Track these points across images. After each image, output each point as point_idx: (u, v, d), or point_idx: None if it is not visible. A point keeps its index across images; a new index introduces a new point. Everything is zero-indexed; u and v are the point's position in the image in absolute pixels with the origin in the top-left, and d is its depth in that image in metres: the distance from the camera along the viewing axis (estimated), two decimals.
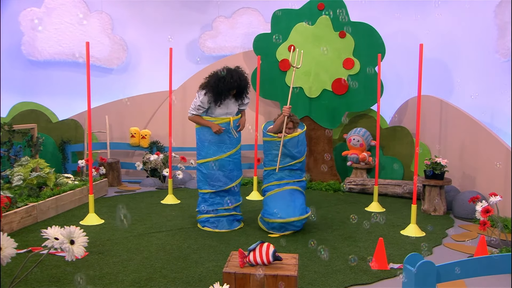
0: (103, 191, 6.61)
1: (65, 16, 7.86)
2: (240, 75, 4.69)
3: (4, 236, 2.27)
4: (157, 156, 7.22)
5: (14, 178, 5.43)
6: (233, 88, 4.66)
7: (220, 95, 4.66)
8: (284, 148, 4.74)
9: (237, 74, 4.67)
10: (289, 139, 4.73)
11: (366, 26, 6.98)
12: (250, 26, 8.27)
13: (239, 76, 4.67)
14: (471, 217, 5.44)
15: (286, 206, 4.67)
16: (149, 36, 8.36)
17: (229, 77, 4.62)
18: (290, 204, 4.70)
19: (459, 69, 7.21)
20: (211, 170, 4.77)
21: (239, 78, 4.66)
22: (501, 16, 6.54)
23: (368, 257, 4.02)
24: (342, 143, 7.50)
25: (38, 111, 7.38)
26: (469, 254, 4.28)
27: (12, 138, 5.94)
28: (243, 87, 4.74)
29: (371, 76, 6.87)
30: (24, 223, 4.84)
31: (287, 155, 4.79)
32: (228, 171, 4.80)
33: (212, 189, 4.81)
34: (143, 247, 4.28)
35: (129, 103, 6.21)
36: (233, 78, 4.62)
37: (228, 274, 2.82)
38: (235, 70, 4.73)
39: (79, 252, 2.34)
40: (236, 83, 4.63)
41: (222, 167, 4.77)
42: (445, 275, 2.09)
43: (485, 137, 5.71)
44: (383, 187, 6.59)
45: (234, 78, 4.63)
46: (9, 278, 3.42)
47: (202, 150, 4.82)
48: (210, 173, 4.78)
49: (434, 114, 6.75)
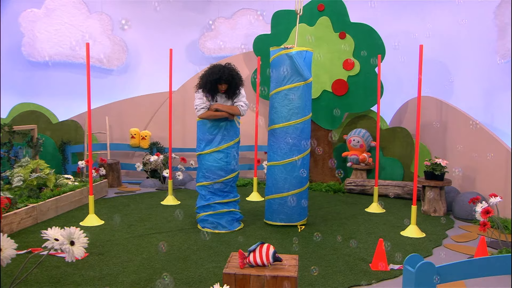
0: (103, 192, 6.61)
1: (65, 17, 7.88)
2: (223, 66, 4.70)
3: (4, 237, 2.27)
4: (157, 157, 7.23)
5: (14, 179, 5.43)
6: (218, 78, 4.64)
7: (211, 88, 4.69)
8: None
9: (220, 66, 4.70)
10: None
11: (366, 27, 6.99)
12: (250, 27, 8.28)
13: (223, 67, 4.68)
14: (471, 218, 5.44)
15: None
16: (149, 37, 8.37)
17: (214, 69, 4.67)
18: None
19: (459, 70, 7.21)
20: (207, 162, 4.80)
21: (223, 68, 4.67)
22: (501, 17, 6.54)
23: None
24: (342, 144, 7.50)
25: (38, 112, 7.39)
26: (469, 255, 4.28)
27: (12, 139, 5.94)
28: (228, 78, 4.67)
29: (371, 77, 6.87)
30: (24, 224, 4.84)
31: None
32: (225, 163, 4.81)
33: (207, 180, 4.81)
34: (143, 248, 4.28)
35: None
36: (216, 68, 4.66)
37: (228, 275, 2.82)
38: (220, 64, 4.78)
39: (79, 253, 2.34)
40: (220, 73, 4.62)
41: (219, 159, 4.79)
42: (445, 276, 2.09)
43: (485, 138, 5.71)
44: (383, 188, 6.59)
45: (217, 68, 4.66)
46: (9, 279, 3.42)
47: (201, 143, 4.88)
48: (206, 164, 4.81)
49: (434, 115, 6.76)
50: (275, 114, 4.89)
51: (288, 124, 4.82)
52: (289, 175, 4.88)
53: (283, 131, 4.84)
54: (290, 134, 4.83)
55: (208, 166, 4.80)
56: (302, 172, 4.90)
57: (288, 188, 4.90)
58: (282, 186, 4.91)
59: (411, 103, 7.30)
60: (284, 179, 4.89)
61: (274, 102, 4.91)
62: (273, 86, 4.93)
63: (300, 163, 4.89)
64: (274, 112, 4.90)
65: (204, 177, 4.85)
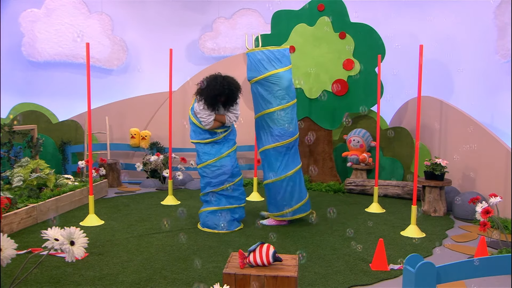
0: (103, 192, 6.61)
1: (65, 17, 7.88)
2: (223, 79, 4.70)
3: (4, 237, 2.27)
4: (157, 157, 7.23)
5: (14, 179, 5.43)
6: (218, 94, 4.68)
7: (211, 103, 4.70)
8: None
9: (220, 79, 4.69)
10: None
11: (366, 27, 6.99)
12: (250, 27, 8.28)
13: (222, 80, 4.68)
14: (471, 218, 5.44)
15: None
16: (149, 37, 8.37)
17: (214, 82, 4.65)
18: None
19: (459, 70, 7.21)
20: (213, 169, 4.83)
21: (223, 82, 4.67)
22: (501, 17, 6.55)
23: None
24: (342, 144, 7.50)
25: (38, 112, 7.38)
26: (469, 255, 4.28)
27: (12, 139, 5.94)
28: (229, 93, 4.70)
29: (371, 77, 6.87)
30: (24, 224, 4.84)
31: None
32: (231, 167, 4.87)
33: (213, 188, 4.86)
34: (143, 248, 4.27)
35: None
36: (217, 82, 4.65)
37: (228, 275, 2.82)
38: (220, 75, 4.76)
39: (79, 253, 2.34)
40: (221, 89, 4.64)
41: (223, 166, 4.83)
42: (445, 276, 2.09)
43: (485, 138, 5.71)
44: (383, 188, 6.59)
45: (218, 81, 4.66)
46: (9, 279, 3.42)
47: (203, 155, 4.90)
48: (211, 171, 4.83)
49: (434, 115, 6.76)
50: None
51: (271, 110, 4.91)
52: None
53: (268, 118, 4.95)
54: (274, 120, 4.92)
55: (214, 173, 4.85)
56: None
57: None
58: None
59: (411, 103, 7.30)
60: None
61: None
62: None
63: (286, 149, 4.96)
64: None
65: (211, 186, 4.88)
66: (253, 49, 5.01)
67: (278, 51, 4.94)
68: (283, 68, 4.92)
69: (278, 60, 4.92)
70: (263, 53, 4.91)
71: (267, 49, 4.92)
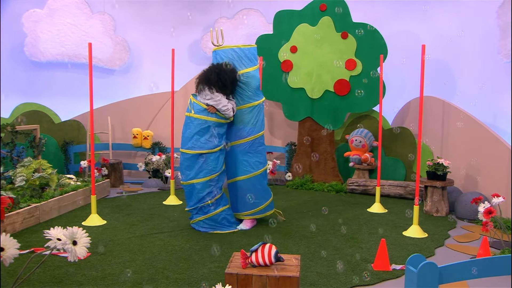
0: (105, 192, 6.62)
1: (68, 17, 7.89)
2: (218, 64, 4.71)
3: (7, 236, 2.28)
4: (159, 157, 7.23)
5: (16, 178, 5.44)
6: (234, 70, 4.68)
7: (232, 84, 4.71)
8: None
9: (218, 64, 4.72)
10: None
11: (368, 27, 6.96)
12: (252, 27, 8.28)
13: (219, 65, 4.69)
14: (473, 218, 5.43)
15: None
16: (151, 37, 8.37)
17: (220, 68, 4.68)
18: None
19: (461, 70, 7.19)
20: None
21: (221, 65, 4.68)
22: (504, 17, 6.53)
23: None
24: (344, 144, 7.50)
25: (40, 112, 7.40)
26: (471, 255, 4.27)
27: (15, 139, 5.95)
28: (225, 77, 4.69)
29: (373, 77, 6.86)
30: (26, 223, 4.85)
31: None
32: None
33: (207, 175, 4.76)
34: (145, 248, 4.28)
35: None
36: (220, 66, 4.67)
37: (230, 275, 2.82)
38: (213, 65, 4.80)
39: (81, 252, 2.34)
40: (230, 69, 4.67)
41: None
42: (447, 276, 2.09)
43: (487, 138, 5.70)
44: (385, 188, 6.58)
45: (219, 66, 4.68)
46: (12, 278, 3.43)
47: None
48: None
49: (436, 115, 6.74)
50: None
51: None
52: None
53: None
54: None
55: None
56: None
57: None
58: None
59: (413, 103, 7.28)
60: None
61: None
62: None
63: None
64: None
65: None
66: (222, 46, 4.88)
67: (248, 49, 4.82)
68: (252, 67, 4.84)
69: (248, 59, 4.81)
70: (233, 51, 4.76)
71: (238, 47, 4.80)
